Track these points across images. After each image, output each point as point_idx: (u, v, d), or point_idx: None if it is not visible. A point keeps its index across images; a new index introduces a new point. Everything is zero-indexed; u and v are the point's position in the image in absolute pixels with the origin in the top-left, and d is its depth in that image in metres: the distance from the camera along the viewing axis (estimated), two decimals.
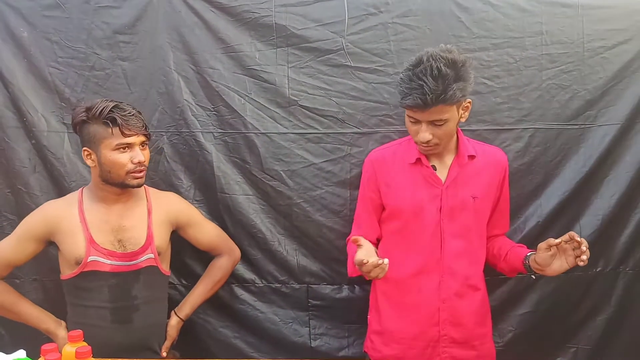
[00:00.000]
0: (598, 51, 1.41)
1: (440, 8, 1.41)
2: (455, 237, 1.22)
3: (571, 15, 1.41)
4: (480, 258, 1.27)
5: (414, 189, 1.23)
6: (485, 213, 1.26)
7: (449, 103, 1.09)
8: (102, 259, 1.23)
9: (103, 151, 1.19)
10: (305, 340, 1.51)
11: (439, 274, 1.22)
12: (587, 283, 1.51)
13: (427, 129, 1.13)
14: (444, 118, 1.11)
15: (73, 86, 1.44)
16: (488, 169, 1.25)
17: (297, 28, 1.41)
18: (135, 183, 1.22)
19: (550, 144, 1.43)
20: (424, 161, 1.22)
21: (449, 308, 1.22)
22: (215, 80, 1.43)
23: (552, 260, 1.12)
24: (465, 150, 1.23)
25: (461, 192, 1.22)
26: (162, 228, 1.31)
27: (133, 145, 1.21)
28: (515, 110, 1.42)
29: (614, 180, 1.46)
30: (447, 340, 1.23)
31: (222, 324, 1.51)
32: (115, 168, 1.19)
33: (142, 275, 1.26)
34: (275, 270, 1.50)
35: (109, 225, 1.25)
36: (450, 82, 1.07)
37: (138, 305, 1.27)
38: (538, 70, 1.41)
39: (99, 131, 1.18)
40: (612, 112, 1.43)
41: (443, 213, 1.22)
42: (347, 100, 1.43)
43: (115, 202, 1.26)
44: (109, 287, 1.24)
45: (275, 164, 1.46)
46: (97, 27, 1.42)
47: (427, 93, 1.06)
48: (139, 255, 1.26)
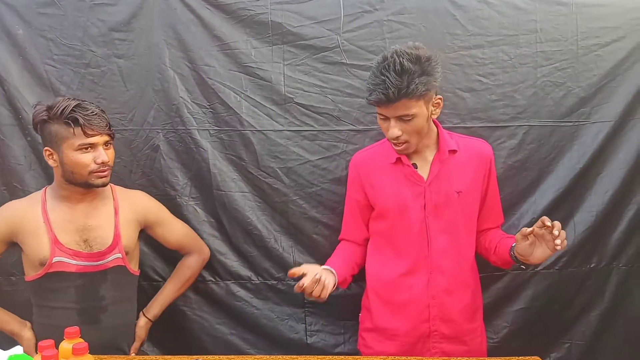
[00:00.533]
0: (592, 49, 1.43)
1: (435, 6, 1.42)
2: (442, 234, 1.23)
3: (565, 13, 1.43)
4: (469, 253, 1.28)
5: (397, 189, 1.24)
6: (472, 207, 1.26)
7: (413, 97, 1.10)
8: (67, 259, 1.21)
9: (65, 151, 1.17)
10: (301, 336, 1.53)
11: (427, 271, 1.23)
12: (580, 279, 1.53)
13: (396, 124, 1.14)
14: (410, 113, 1.12)
15: (69, 83, 1.45)
16: (472, 162, 1.25)
17: (292, 25, 1.42)
18: (99, 182, 1.21)
19: (545, 141, 1.45)
20: (404, 160, 1.23)
21: (439, 304, 1.23)
22: (211, 78, 1.44)
23: (533, 249, 1.13)
24: (445, 146, 1.23)
25: (445, 187, 1.22)
26: (129, 227, 1.29)
27: (96, 145, 1.19)
28: (510, 107, 1.43)
29: (608, 177, 1.48)
30: (438, 336, 1.24)
31: (218, 321, 1.53)
32: (78, 168, 1.18)
33: (110, 275, 1.25)
34: (271, 267, 1.52)
35: (73, 225, 1.23)
36: (413, 76, 1.08)
37: (106, 305, 1.25)
38: (532, 67, 1.43)
39: (60, 131, 1.16)
40: (605, 110, 1.45)
41: (427, 210, 1.22)
42: (343, 97, 1.45)
43: (79, 201, 1.24)
44: (75, 288, 1.22)
45: (271, 161, 1.47)
46: (92, 24, 1.42)
47: (390, 87, 1.08)
48: (106, 255, 1.24)
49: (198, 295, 1.53)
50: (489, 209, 1.32)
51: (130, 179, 1.48)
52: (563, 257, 1.51)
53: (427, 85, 1.11)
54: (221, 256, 1.51)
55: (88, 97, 1.44)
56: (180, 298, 1.51)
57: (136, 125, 1.47)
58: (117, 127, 1.45)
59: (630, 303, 1.55)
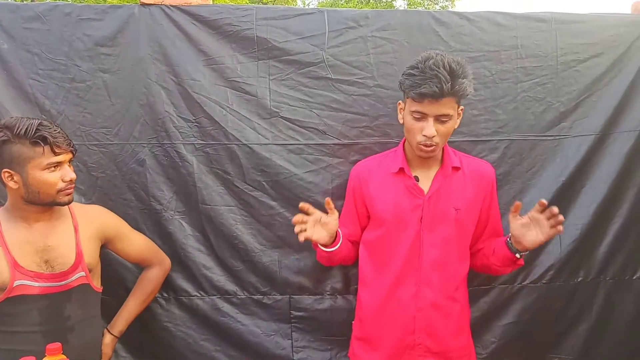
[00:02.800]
0: (571, 64, 1.52)
1: (419, 22, 1.50)
2: (435, 248, 1.27)
3: (545, 29, 1.52)
4: (460, 270, 1.32)
5: (397, 199, 1.29)
6: (468, 226, 1.31)
7: (456, 97, 1.19)
8: (29, 282, 1.19)
9: (31, 172, 1.16)
10: (287, 352, 1.55)
11: (416, 283, 1.28)
12: (568, 293, 1.58)
13: (434, 124, 1.19)
14: (450, 113, 1.19)
15: (53, 98, 1.49)
16: (473, 181, 1.30)
17: (278, 41, 1.49)
18: (66, 200, 1.22)
19: (526, 155, 1.52)
20: (407, 171, 1.29)
21: (425, 317, 1.27)
22: (196, 92, 1.49)
23: (526, 231, 1.20)
24: (449, 162, 1.29)
25: (443, 203, 1.27)
26: (91, 244, 1.30)
27: (62, 163, 1.20)
28: (491, 121, 1.51)
29: (592, 190, 1.55)
30: (422, 349, 1.28)
31: (203, 337, 1.55)
32: (46, 188, 1.18)
33: (74, 295, 1.25)
34: (257, 281, 1.55)
35: (32, 246, 1.21)
36: (460, 76, 1.17)
37: (72, 325, 1.26)
38: (513, 83, 1.51)
39: (25, 151, 1.15)
40: (586, 123, 1.53)
41: (424, 223, 1.28)
42: (328, 111, 1.51)
43: (37, 220, 1.23)
44: (38, 310, 1.21)
45: (257, 175, 1.52)
46: (78, 39, 1.48)
47: (444, 81, 1.14)
48: (70, 274, 1.24)
49: (182, 310, 1.55)
50: (492, 228, 1.37)
51: (115, 193, 1.52)
52: (550, 270, 1.56)
53: (469, 88, 1.19)
54: (206, 270, 1.54)
55: (73, 111, 1.49)
56: (165, 314, 1.54)
57: (122, 139, 1.51)
58: (102, 142, 1.51)
59: (618, 316, 1.60)
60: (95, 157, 1.51)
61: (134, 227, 1.49)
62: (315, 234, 1.24)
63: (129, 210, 1.52)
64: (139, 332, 1.51)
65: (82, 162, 1.50)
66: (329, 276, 1.56)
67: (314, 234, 1.23)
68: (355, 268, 1.56)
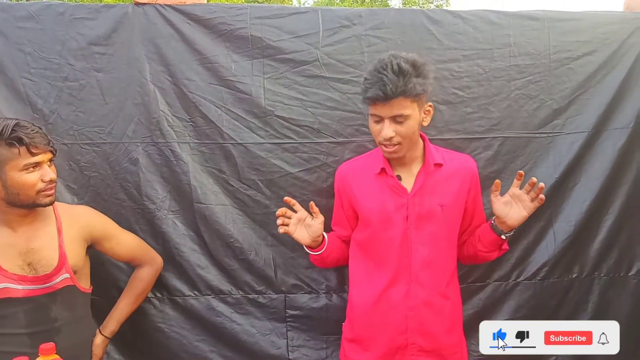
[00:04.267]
0: (564, 62, 1.55)
1: (412, 21, 1.53)
2: (423, 246, 1.29)
3: (538, 27, 1.55)
4: (450, 266, 1.34)
5: (381, 199, 1.31)
6: (454, 221, 1.33)
7: (409, 96, 1.19)
8: (13, 285, 1.21)
9: (9, 173, 1.17)
10: (283, 352, 1.57)
11: (406, 283, 1.29)
12: (563, 290, 1.62)
13: (390, 125, 1.22)
14: (405, 113, 1.20)
15: (46, 97, 1.50)
16: (456, 176, 1.33)
17: (272, 40, 1.52)
18: (47, 201, 1.22)
19: (520, 152, 1.56)
20: (388, 171, 1.31)
21: (417, 316, 1.29)
22: (191, 91, 1.52)
23: (509, 209, 1.24)
24: (431, 159, 1.31)
25: (428, 200, 1.30)
26: (75, 245, 1.30)
27: (41, 163, 1.20)
28: (485, 119, 1.54)
29: (585, 186, 1.58)
30: (415, 349, 1.29)
31: (197, 338, 1.57)
32: (25, 189, 1.18)
33: (60, 297, 1.26)
34: (252, 280, 1.57)
35: (15, 250, 1.23)
36: (409, 76, 1.18)
37: (59, 327, 1.26)
38: (507, 80, 1.54)
39: (2, 152, 1.16)
40: (579, 121, 1.56)
41: (410, 222, 1.29)
42: (323, 110, 1.54)
43: (20, 224, 1.24)
44: (24, 313, 1.22)
45: (252, 174, 1.54)
46: (71, 38, 1.49)
47: (387, 84, 1.16)
48: (53, 277, 1.25)
49: (176, 311, 1.57)
50: (478, 219, 1.39)
51: (108, 193, 1.53)
52: (544, 267, 1.59)
53: (422, 86, 1.20)
54: (201, 270, 1.56)
55: (66, 110, 1.51)
56: (158, 315, 1.55)
57: (115, 138, 1.53)
58: (95, 141, 1.52)
59: (613, 313, 1.63)
60: (88, 156, 1.52)
61: (127, 226, 1.51)
62: (297, 232, 1.31)
63: (122, 210, 1.53)
64: (132, 333, 1.52)
65: (75, 162, 1.52)
66: (324, 275, 1.58)
67: (295, 232, 1.31)
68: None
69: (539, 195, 1.21)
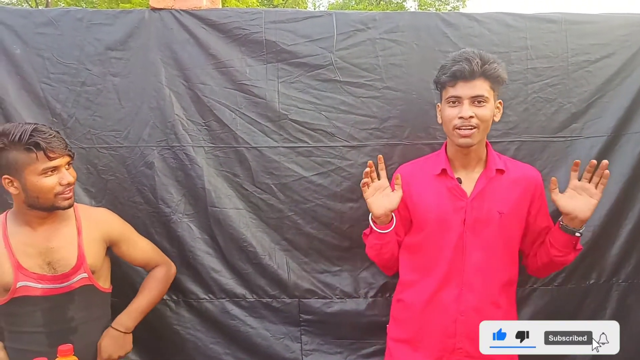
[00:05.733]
0: (582, 65, 1.54)
1: (427, 24, 1.54)
2: (478, 251, 1.28)
3: (555, 30, 1.54)
4: (503, 275, 1.30)
5: (439, 201, 1.30)
6: (513, 230, 1.30)
7: (490, 78, 1.23)
8: (32, 283, 1.24)
9: (28, 177, 1.20)
10: (296, 356, 1.58)
11: (458, 286, 1.28)
12: (581, 295, 1.60)
13: (470, 106, 1.23)
14: (485, 95, 1.22)
15: (64, 102, 1.54)
16: (518, 185, 1.30)
17: (286, 44, 1.53)
18: (65, 204, 1.25)
19: (537, 156, 1.55)
20: (449, 172, 1.30)
21: (466, 321, 1.27)
22: (206, 96, 1.54)
23: (575, 203, 1.21)
24: (493, 164, 1.30)
25: (487, 206, 1.28)
26: (94, 246, 1.33)
27: (59, 167, 1.23)
28: (502, 123, 1.52)
29: (604, 192, 1.54)
30: (462, 354, 1.28)
31: (212, 340, 1.59)
32: (43, 192, 1.21)
33: (77, 296, 1.29)
34: (266, 284, 1.58)
35: (35, 249, 1.26)
36: (490, 60, 1.22)
37: (76, 326, 1.29)
38: (523, 84, 1.53)
39: (21, 157, 1.18)
40: (598, 125, 1.55)
41: (467, 225, 1.28)
42: (337, 114, 1.55)
43: (40, 224, 1.28)
44: (42, 311, 1.26)
45: (266, 178, 1.55)
46: (89, 43, 1.53)
47: (473, 60, 1.21)
48: (71, 276, 1.28)
49: (192, 313, 1.59)
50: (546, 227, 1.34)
51: (124, 196, 1.56)
52: (562, 273, 1.58)
53: (503, 74, 1.23)
54: (215, 273, 1.58)
55: (83, 114, 1.54)
56: (174, 317, 1.58)
57: (131, 142, 1.56)
58: (112, 145, 1.55)
59: (631, 319, 1.61)
60: (105, 160, 1.56)
61: (142, 229, 1.54)
62: (374, 197, 1.26)
63: (138, 213, 1.56)
64: (148, 334, 1.55)
65: (93, 165, 1.55)
66: (339, 280, 1.59)
67: (372, 197, 1.26)
68: (364, 272, 1.59)
69: (602, 176, 1.18)
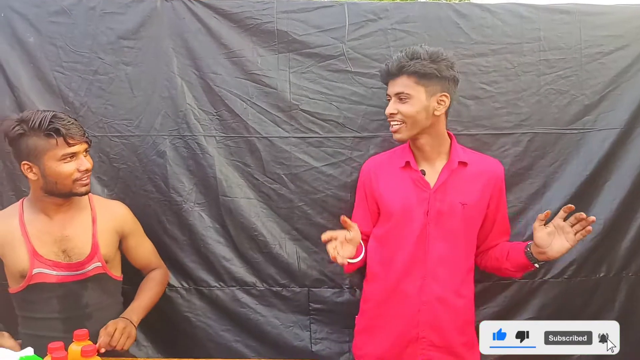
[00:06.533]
0: (596, 57, 1.53)
1: (439, 14, 1.53)
2: (441, 241, 1.31)
3: (568, 21, 1.53)
4: (466, 265, 1.34)
5: (404, 192, 1.33)
6: (474, 221, 1.34)
7: (412, 75, 1.25)
8: (47, 270, 1.27)
9: (47, 163, 1.22)
10: (306, 344, 1.60)
11: (421, 277, 1.31)
12: (590, 288, 1.60)
13: (394, 103, 1.29)
14: (406, 92, 1.26)
15: (77, 90, 1.55)
16: (481, 178, 1.33)
17: (298, 34, 1.53)
18: (83, 190, 1.28)
19: (549, 149, 1.54)
20: (413, 164, 1.33)
21: (429, 311, 1.30)
22: (217, 85, 1.55)
23: (552, 240, 1.20)
24: (456, 156, 1.32)
25: (450, 197, 1.31)
26: (108, 236, 1.36)
27: (77, 153, 1.25)
28: (514, 114, 1.53)
29: (615, 184, 1.56)
30: (426, 343, 1.31)
31: (222, 328, 1.61)
32: (62, 178, 1.24)
33: (91, 283, 1.32)
34: (276, 273, 1.60)
35: (51, 237, 1.29)
36: (418, 59, 1.24)
37: (90, 313, 1.32)
38: (536, 75, 1.53)
39: (41, 143, 1.21)
40: (611, 117, 1.54)
41: (430, 217, 1.31)
42: (348, 104, 1.55)
43: (56, 212, 1.31)
44: (57, 298, 1.28)
45: (277, 168, 1.57)
46: (102, 32, 1.54)
47: (393, 62, 1.28)
48: (86, 264, 1.31)
49: (203, 301, 1.61)
50: (500, 225, 1.39)
51: (136, 185, 1.58)
52: (571, 265, 1.58)
53: (427, 71, 1.24)
54: (226, 262, 1.60)
55: (95, 103, 1.56)
56: (185, 304, 1.61)
57: (143, 131, 1.57)
58: (123, 133, 1.57)
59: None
60: (117, 148, 1.57)
61: (154, 218, 1.56)
62: (346, 252, 1.25)
63: (149, 202, 1.58)
64: (159, 321, 1.57)
65: (105, 154, 1.57)
66: None
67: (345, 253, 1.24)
68: None
69: (585, 228, 1.17)
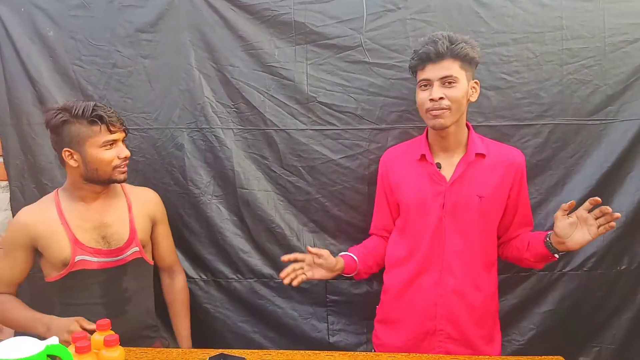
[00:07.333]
0: (619, 45, 1.50)
1: (459, 4, 1.51)
2: (457, 235, 1.30)
3: (592, 9, 1.50)
4: (483, 259, 1.32)
5: (419, 185, 1.33)
6: (492, 214, 1.32)
7: (458, 58, 1.23)
8: (89, 257, 1.31)
9: (89, 150, 1.26)
10: (323, 335, 1.62)
11: (438, 270, 1.31)
12: (611, 281, 1.59)
13: (439, 87, 1.24)
14: (454, 75, 1.23)
15: (96, 83, 1.58)
16: (499, 168, 1.30)
17: (315, 25, 1.53)
18: (122, 178, 1.32)
19: (571, 140, 1.52)
20: (428, 157, 1.32)
21: (446, 304, 1.30)
22: (235, 78, 1.55)
23: (573, 231, 1.17)
24: (473, 148, 1.30)
25: (466, 190, 1.29)
26: (143, 221, 1.41)
27: (117, 141, 1.30)
28: (535, 105, 1.50)
29: (638, 176, 1.53)
30: (443, 336, 1.31)
31: (241, 319, 1.63)
32: (103, 165, 1.28)
33: (130, 268, 1.37)
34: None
35: (90, 224, 1.33)
36: (458, 40, 1.23)
37: (129, 296, 1.37)
38: (558, 65, 1.50)
39: (83, 130, 1.25)
40: (634, 107, 1.51)
41: (446, 210, 1.30)
42: (366, 96, 1.54)
43: (94, 199, 1.35)
44: (99, 284, 1.33)
45: (294, 160, 1.57)
46: (120, 25, 1.55)
47: (438, 42, 1.22)
48: (125, 250, 1.35)
49: (221, 292, 1.64)
50: (521, 216, 1.37)
51: (154, 177, 1.60)
52: (592, 258, 1.57)
53: (472, 53, 1.24)
54: (244, 254, 1.61)
55: (114, 96, 1.58)
56: (204, 295, 1.63)
57: (161, 124, 1.59)
58: (142, 126, 1.59)
59: None
60: (136, 141, 1.59)
61: (172, 210, 1.58)
62: (315, 274, 1.32)
63: (167, 194, 1.59)
64: None
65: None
66: None
67: (314, 274, 1.32)
68: None
69: (609, 222, 1.15)
